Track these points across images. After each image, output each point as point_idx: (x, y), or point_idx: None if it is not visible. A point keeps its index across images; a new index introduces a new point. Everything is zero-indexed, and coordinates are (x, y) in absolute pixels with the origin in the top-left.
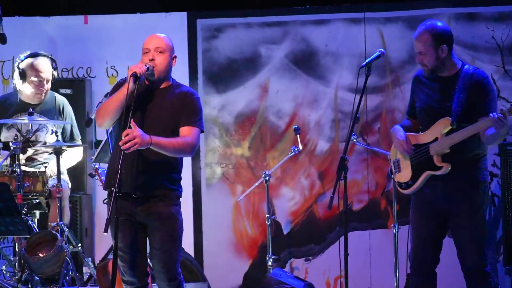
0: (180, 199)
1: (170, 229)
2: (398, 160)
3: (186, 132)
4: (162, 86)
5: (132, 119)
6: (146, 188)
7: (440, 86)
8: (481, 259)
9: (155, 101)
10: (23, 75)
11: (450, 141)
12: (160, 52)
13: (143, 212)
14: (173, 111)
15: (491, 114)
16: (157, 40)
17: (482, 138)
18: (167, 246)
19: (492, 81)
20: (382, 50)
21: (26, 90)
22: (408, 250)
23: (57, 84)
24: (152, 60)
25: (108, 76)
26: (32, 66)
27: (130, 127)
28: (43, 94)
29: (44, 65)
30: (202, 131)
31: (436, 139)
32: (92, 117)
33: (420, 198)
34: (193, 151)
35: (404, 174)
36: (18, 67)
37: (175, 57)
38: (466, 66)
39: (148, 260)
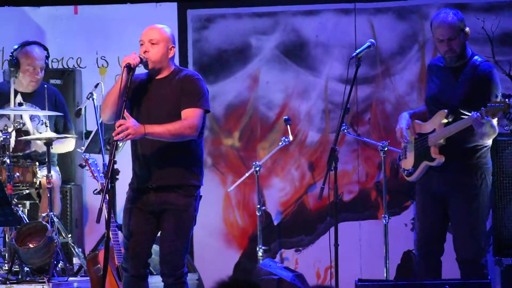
0: (199, 189)
1: (179, 220)
2: (405, 147)
3: (186, 114)
4: (162, 75)
5: (126, 110)
6: (160, 178)
7: (446, 76)
8: (476, 250)
9: (156, 91)
10: (17, 64)
11: (443, 133)
12: (153, 43)
13: (157, 201)
14: (174, 98)
15: (472, 113)
16: (151, 32)
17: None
18: (172, 237)
19: None
20: (373, 40)
21: (21, 79)
22: (414, 238)
23: (47, 75)
24: (146, 52)
25: (98, 67)
26: (26, 54)
27: (124, 118)
28: (38, 82)
29: (38, 53)
30: (207, 111)
31: (434, 130)
32: (82, 108)
33: (423, 188)
34: (195, 132)
35: (409, 161)
36: (11, 56)
37: (173, 47)
38: (475, 57)
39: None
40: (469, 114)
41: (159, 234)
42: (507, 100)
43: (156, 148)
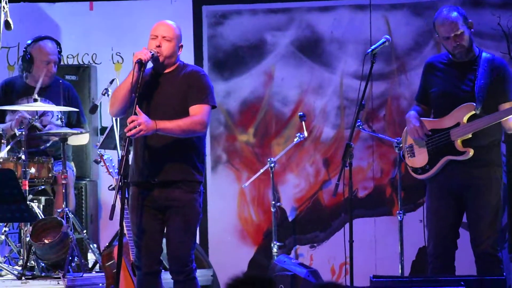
0: (201, 185)
1: (184, 217)
2: (411, 145)
3: (194, 110)
4: (169, 70)
5: (137, 106)
6: (163, 173)
7: (458, 71)
8: (495, 243)
9: (162, 86)
10: (31, 59)
11: (475, 126)
12: (167, 40)
13: (161, 198)
14: (181, 93)
15: None
16: (165, 28)
17: (505, 125)
18: (179, 234)
19: None
20: (388, 37)
21: (35, 74)
22: (425, 237)
23: (62, 71)
24: (158, 46)
25: (113, 63)
26: (39, 49)
27: (135, 114)
28: (51, 77)
29: (51, 48)
30: (214, 107)
31: (457, 124)
32: (97, 104)
33: (437, 185)
34: (204, 128)
35: (420, 159)
36: (25, 51)
37: (182, 46)
38: (484, 53)
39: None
40: (488, 109)
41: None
42: None
43: (161, 143)
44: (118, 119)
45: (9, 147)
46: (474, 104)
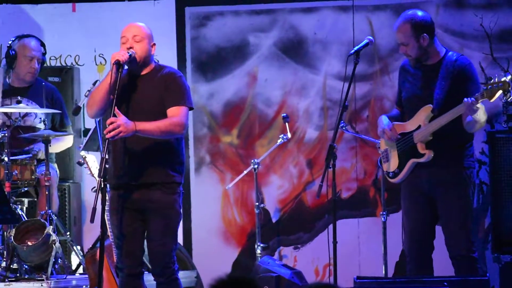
0: (181, 186)
1: (165, 219)
2: (386, 150)
3: (172, 112)
4: (145, 72)
5: (116, 107)
6: (143, 175)
7: (423, 74)
8: (468, 245)
9: (138, 88)
10: (14, 55)
11: (431, 128)
12: (138, 40)
13: (141, 200)
14: (157, 95)
15: (465, 99)
16: (134, 29)
17: (463, 125)
18: (160, 235)
19: (481, 69)
20: (371, 38)
21: (17, 70)
22: (402, 238)
23: (45, 72)
24: (130, 48)
25: (96, 64)
26: (23, 45)
27: (114, 115)
28: (34, 74)
29: (35, 45)
30: (191, 108)
31: (419, 127)
32: (80, 105)
33: (409, 187)
34: (183, 129)
35: (392, 163)
36: (9, 46)
37: (154, 44)
38: (450, 53)
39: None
40: (449, 110)
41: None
42: (507, 79)
43: (140, 145)
44: (102, 121)
45: None
46: (431, 106)
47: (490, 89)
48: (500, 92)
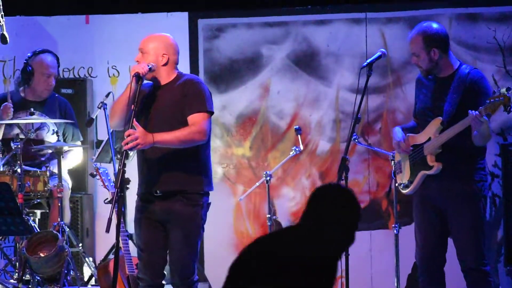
0: (206, 197)
1: (185, 230)
2: (400, 161)
3: (193, 119)
4: (165, 82)
5: (134, 119)
6: (163, 185)
7: (436, 87)
8: (479, 258)
9: (158, 99)
10: (31, 72)
11: (440, 140)
12: (143, 53)
13: (162, 210)
14: (176, 103)
15: (470, 112)
16: (143, 41)
17: (472, 139)
18: (180, 247)
19: (493, 81)
20: (384, 50)
21: (34, 87)
22: (415, 251)
23: (58, 84)
24: (138, 62)
25: (109, 76)
26: (40, 62)
27: (133, 127)
28: (50, 90)
29: (51, 61)
30: (211, 113)
31: (429, 139)
32: (93, 117)
33: (420, 199)
34: (204, 136)
35: (404, 174)
36: (26, 63)
37: (165, 54)
38: (463, 66)
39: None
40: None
41: None
42: (506, 93)
43: (162, 154)
44: (115, 132)
45: (4, 159)
46: (441, 118)
47: (492, 102)
48: (501, 106)
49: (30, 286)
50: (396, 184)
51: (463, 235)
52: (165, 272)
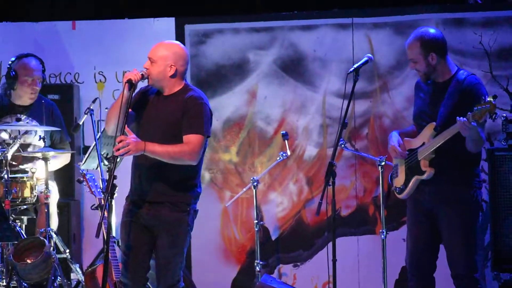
0: (194, 205)
1: (172, 236)
2: (397, 165)
3: (187, 139)
4: (170, 92)
5: (126, 125)
6: (152, 193)
7: (433, 92)
8: (470, 265)
9: (158, 108)
10: (15, 76)
11: (433, 145)
12: (152, 61)
13: (149, 216)
14: (174, 118)
15: (457, 118)
16: (153, 49)
17: (466, 144)
18: (166, 253)
19: None
20: (370, 55)
21: (19, 91)
22: (405, 255)
23: (45, 90)
24: (147, 69)
25: (96, 82)
26: (24, 66)
27: (125, 133)
28: (36, 93)
29: (35, 64)
30: (207, 136)
31: (423, 144)
32: (80, 123)
33: (413, 204)
34: (193, 158)
35: (400, 178)
36: (9, 67)
37: (173, 65)
38: (460, 72)
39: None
40: None
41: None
42: (492, 100)
43: (153, 162)
44: (101, 138)
45: None
46: (435, 123)
47: (479, 109)
48: (487, 113)
49: None
50: (393, 188)
51: (454, 241)
52: (148, 277)
